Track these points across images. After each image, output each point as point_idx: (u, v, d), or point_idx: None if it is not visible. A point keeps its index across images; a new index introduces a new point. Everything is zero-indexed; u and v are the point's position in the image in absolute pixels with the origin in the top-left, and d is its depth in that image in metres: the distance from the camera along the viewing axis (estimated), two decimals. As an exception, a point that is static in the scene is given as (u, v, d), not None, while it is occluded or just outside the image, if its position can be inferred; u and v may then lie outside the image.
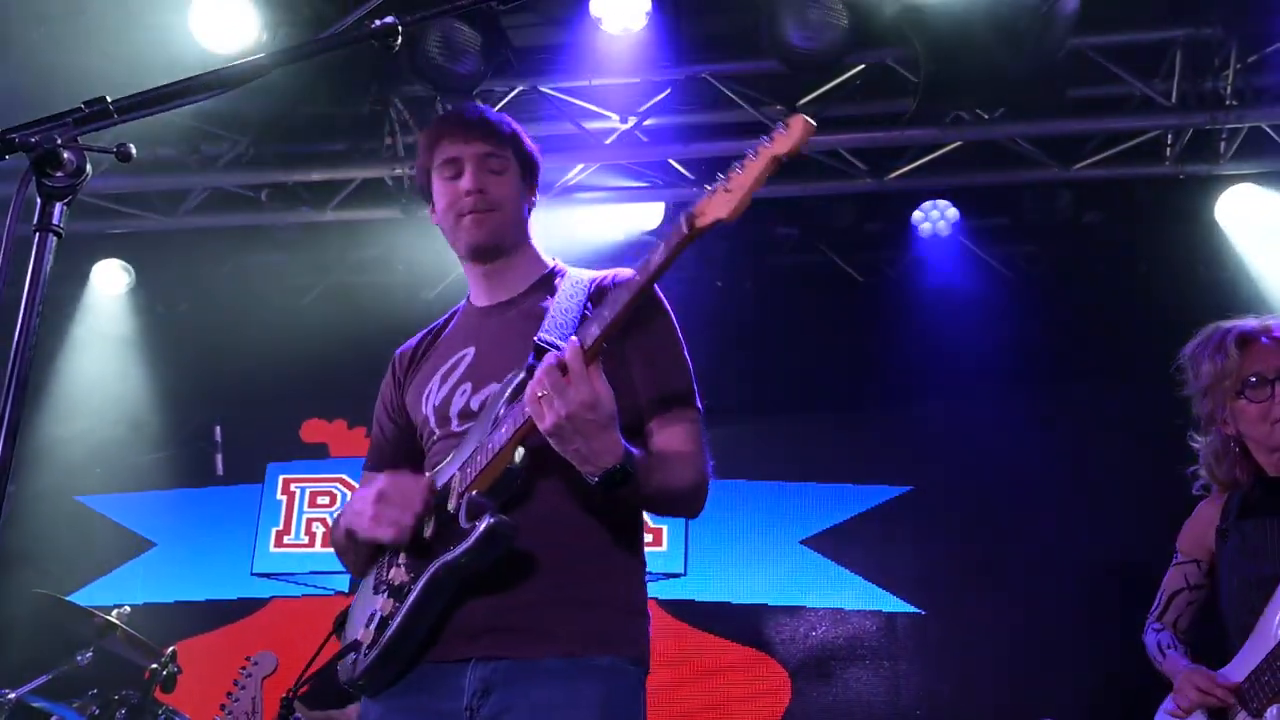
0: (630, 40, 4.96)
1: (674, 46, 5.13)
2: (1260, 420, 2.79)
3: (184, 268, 6.58)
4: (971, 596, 5.68)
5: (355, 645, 2.10)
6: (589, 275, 2.29)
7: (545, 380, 1.84)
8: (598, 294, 2.21)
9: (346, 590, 6.28)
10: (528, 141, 2.36)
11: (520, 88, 5.48)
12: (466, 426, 2.15)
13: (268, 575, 6.39)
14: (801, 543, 6.01)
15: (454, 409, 2.20)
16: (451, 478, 2.08)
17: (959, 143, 5.41)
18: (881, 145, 5.50)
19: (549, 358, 1.88)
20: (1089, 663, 5.34)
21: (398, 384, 2.40)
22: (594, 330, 1.87)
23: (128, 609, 4.44)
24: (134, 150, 1.56)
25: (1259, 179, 5.49)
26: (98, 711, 4.07)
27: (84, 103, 1.53)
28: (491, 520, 1.91)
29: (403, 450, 2.35)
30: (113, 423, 6.45)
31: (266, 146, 5.62)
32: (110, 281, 6.59)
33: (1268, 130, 5.29)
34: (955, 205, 6.04)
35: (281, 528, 6.49)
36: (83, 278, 6.58)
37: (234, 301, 6.69)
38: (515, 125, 2.35)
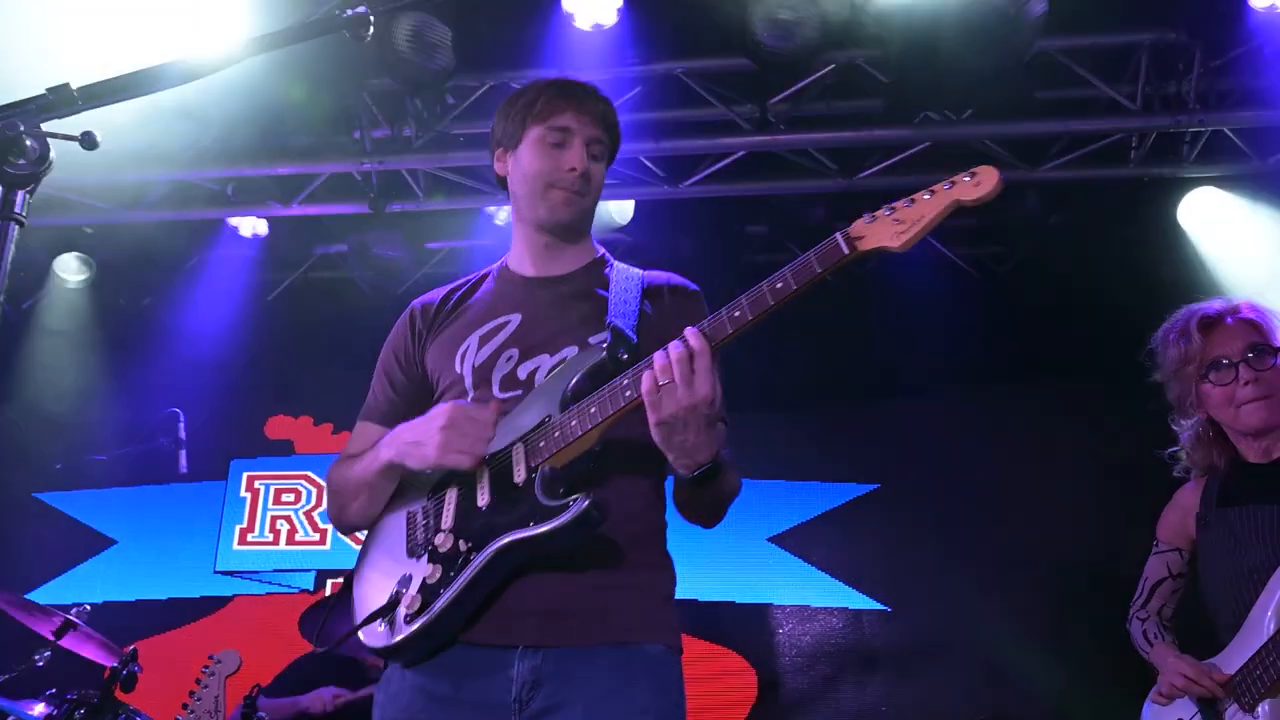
0: (601, 36, 4.95)
1: (645, 43, 5.13)
2: (1225, 404, 2.76)
3: (148, 261, 6.50)
4: (938, 593, 5.73)
5: (388, 609, 1.97)
6: (637, 271, 2.29)
7: (675, 370, 1.82)
8: (652, 293, 2.23)
9: (311, 588, 6.23)
10: (619, 134, 2.35)
11: (491, 83, 5.46)
12: (511, 395, 2.10)
13: (231, 573, 6.33)
14: (769, 540, 6.03)
15: (496, 373, 2.14)
16: (510, 447, 2.01)
17: (928, 143, 5.45)
18: (851, 145, 5.52)
19: (676, 347, 1.84)
20: (1055, 659, 5.39)
21: (416, 336, 2.29)
22: (726, 329, 1.87)
23: (88, 607, 4.37)
24: (99, 138, 1.53)
25: (1220, 182, 5.58)
26: (56, 712, 4.00)
27: (48, 89, 1.49)
28: (586, 503, 1.86)
29: (412, 403, 2.25)
30: (73, 418, 6.36)
31: (233, 139, 5.55)
32: (70, 274, 6.49)
33: (1229, 134, 5.37)
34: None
35: (245, 525, 6.43)
36: (43, 271, 6.49)
37: (198, 296, 6.62)
38: (616, 115, 2.33)
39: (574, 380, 2.01)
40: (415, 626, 1.94)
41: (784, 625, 5.93)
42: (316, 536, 6.36)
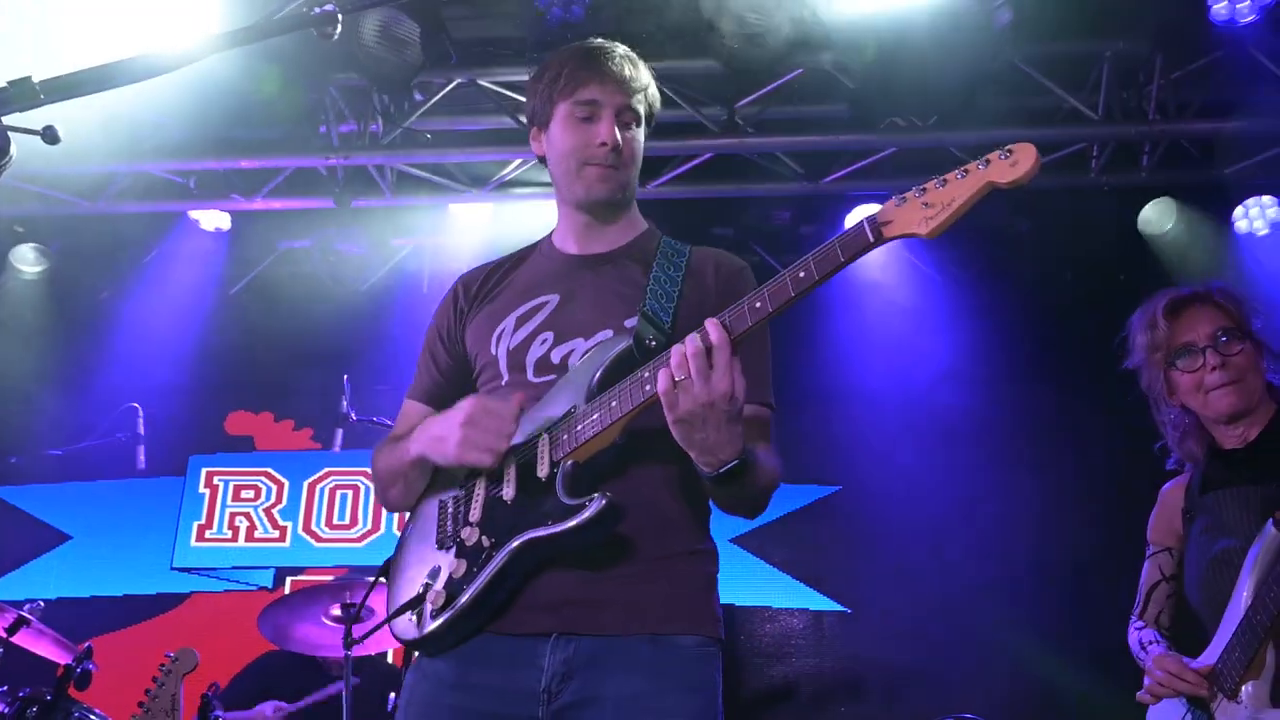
0: (571, 36, 4.94)
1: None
2: (1194, 391, 2.69)
3: (107, 253, 6.41)
4: (898, 595, 5.77)
5: (416, 602, 1.96)
6: (684, 247, 2.21)
7: (691, 365, 1.74)
8: (696, 271, 2.15)
9: (269, 586, 6.18)
10: (654, 92, 2.24)
11: (459, 80, 5.43)
12: (545, 379, 2.05)
13: (188, 570, 6.26)
14: (731, 541, 6.04)
15: (530, 357, 2.09)
16: (536, 439, 1.97)
17: (893, 149, 5.49)
18: (817, 149, 5.56)
19: (692, 341, 1.76)
20: (1012, 661, 5.45)
21: (459, 313, 2.24)
22: (746, 321, 1.79)
23: (41, 603, 4.31)
24: (60, 133, 1.51)
25: (1178, 191, 5.67)
26: (8, 710, 3.94)
27: (9, 82, 1.47)
28: (604, 502, 1.83)
29: (455, 381, 2.22)
30: (28, 412, 6.26)
31: (197, 132, 5.48)
32: (27, 266, 6.40)
33: (1186, 145, 5.46)
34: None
35: (203, 521, 6.36)
36: (-1, 262, 6.40)
37: (159, 289, 6.54)
38: (649, 74, 2.22)
39: (600, 370, 1.96)
40: (440, 621, 1.93)
41: (745, 626, 5.95)
42: (276, 534, 6.30)
